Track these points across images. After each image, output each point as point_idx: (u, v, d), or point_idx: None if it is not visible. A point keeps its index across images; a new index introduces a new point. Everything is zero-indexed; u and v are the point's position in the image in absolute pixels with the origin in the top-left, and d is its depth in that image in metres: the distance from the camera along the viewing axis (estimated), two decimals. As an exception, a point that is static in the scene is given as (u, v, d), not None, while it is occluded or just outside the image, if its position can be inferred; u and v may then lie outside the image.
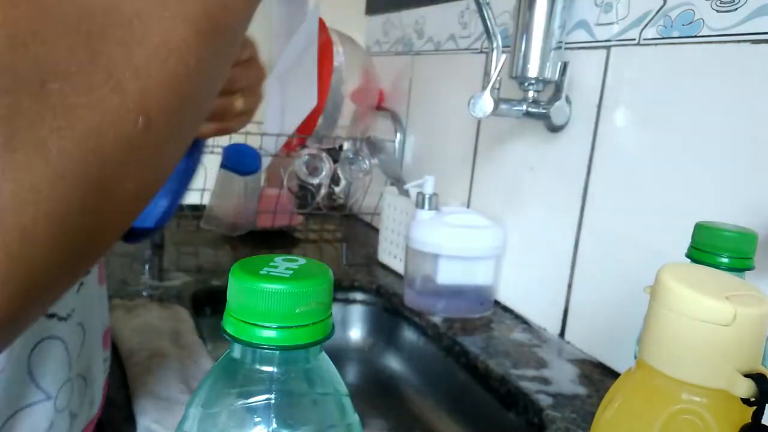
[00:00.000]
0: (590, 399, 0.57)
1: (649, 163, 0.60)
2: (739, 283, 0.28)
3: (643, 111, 0.61)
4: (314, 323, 0.21)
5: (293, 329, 0.21)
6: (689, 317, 0.26)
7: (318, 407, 0.23)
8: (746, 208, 0.51)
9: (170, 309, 0.67)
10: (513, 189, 0.79)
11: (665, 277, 0.27)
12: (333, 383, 0.23)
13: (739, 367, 0.25)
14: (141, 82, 0.20)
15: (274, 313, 0.21)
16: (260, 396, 0.22)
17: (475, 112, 0.66)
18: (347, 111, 1.07)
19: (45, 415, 0.35)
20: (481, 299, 0.77)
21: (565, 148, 0.71)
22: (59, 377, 0.36)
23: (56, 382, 0.35)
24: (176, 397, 0.49)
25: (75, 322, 0.37)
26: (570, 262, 0.70)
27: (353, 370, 0.83)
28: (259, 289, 0.21)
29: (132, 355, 0.56)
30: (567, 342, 0.70)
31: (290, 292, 0.21)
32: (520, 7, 0.68)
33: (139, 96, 0.20)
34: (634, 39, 0.62)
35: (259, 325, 0.21)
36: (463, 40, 0.92)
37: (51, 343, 0.35)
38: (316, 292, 0.21)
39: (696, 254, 0.39)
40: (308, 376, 0.23)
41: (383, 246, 0.93)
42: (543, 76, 0.68)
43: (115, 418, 0.48)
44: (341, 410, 0.23)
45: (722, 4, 0.53)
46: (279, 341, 0.21)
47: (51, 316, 0.35)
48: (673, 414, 0.27)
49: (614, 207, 0.64)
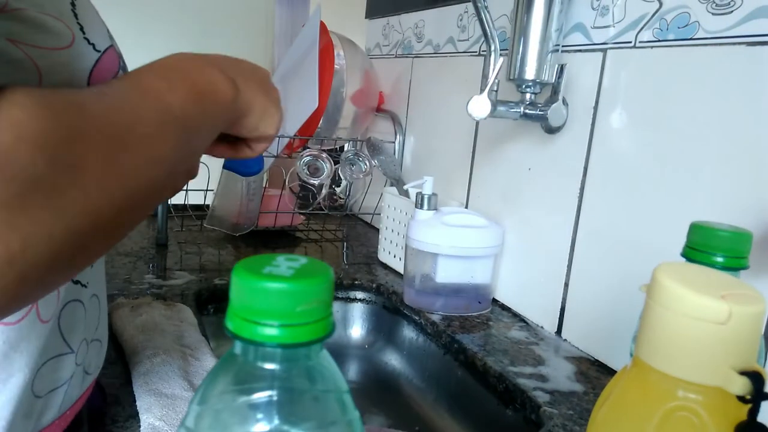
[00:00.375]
0: (587, 396, 0.57)
1: (644, 164, 0.61)
2: (734, 282, 0.28)
3: (639, 113, 0.62)
4: (315, 321, 0.22)
5: (295, 327, 0.21)
6: (685, 315, 0.26)
7: (319, 404, 0.23)
8: (741, 207, 0.52)
9: (174, 307, 0.67)
10: (511, 189, 0.80)
11: (661, 276, 0.27)
12: (334, 380, 0.24)
13: (734, 365, 0.26)
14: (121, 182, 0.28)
15: (276, 311, 0.21)
16: (262, 393, 0.22)
17: (473, 114, 0.67)
18: (348, 113, 1.08)
19: (68, 366, 0.38)
20: (479, 298, 0.77)
21: (562, 150, 0.71)
22: (80, 335, 0.39)
23: (78, 339, 0.39)
24: (179, 394, 0.49)
25: (91, 292, 0.41)
26: (567, 261, 0.70)
27: (354, 368, 0.83)
28: (261, 287, 0.21)
29: (136, 353, 0.56)
30: (564, 340, 0.70)
31: (292, 291, 0.21)
32: (518, 10, 0.68)
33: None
34: (630, 42, 0.62)
35: (261, 323, 0.21)
36: (462, 43, 0.92)
37: (75, 305, 0.38)
38: (317, 291, 0.22)
39: (691, 253, 0.39)
40: (309, 373, 0.23)
41: (383, 245, 0.94)
42: (540, 78, 0.68)
43: (118, 414, 0.48)
44: (342, 407, 0.23)
45: (718, 6, 0.54)
46: (281, 339, 0.21)
47: (76, 282, 0.38)
48: (669, 411, 0.27)
49: (610, 207, 0.65)
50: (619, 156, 0.64)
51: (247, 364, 0.22)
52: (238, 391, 0.22)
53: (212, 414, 0.22)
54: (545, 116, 0.69)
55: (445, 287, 0.76)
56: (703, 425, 0.26)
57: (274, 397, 0.22)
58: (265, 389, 0.22)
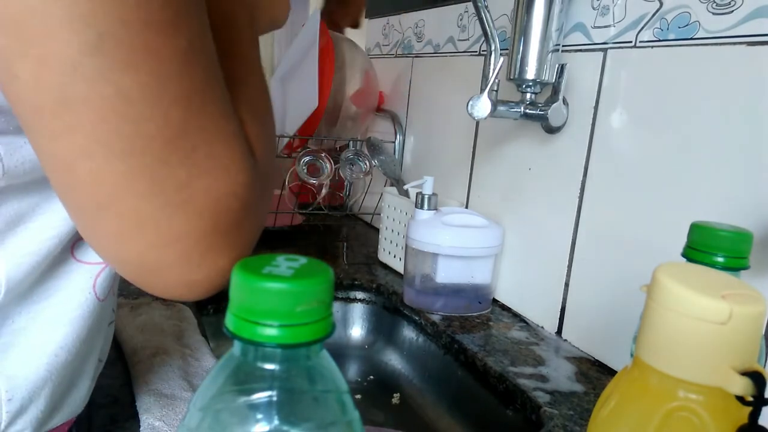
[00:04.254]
0: (587, 396, 0.57)
1: (645, 164, 0.61)
2: (735, 282, 0.28)
3: (640, 113, 0.62)
4: (315, 321, 0.22)
5: (295, 327, 0.21)
6: (685, 316, 0.26)
7: (319, 404, 0.23)
8: (741, 207, 0.52)
9: (173, 307, 0.67)
10: (511, 189, 0.80)
11: (661, 276, 0.27)
12: (334, 380, 0.24)
13: (734, 365, 0.26)
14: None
15: (276, 311, 0.21)
16: (262, 393, 0.22)
17: (473, 114, 0.67)
18: (348, 113, 1.07)
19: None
20: (479, 298, 0.77)
21: (562, 149, 0.71)
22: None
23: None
24: (179, 394, 0.49)
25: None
26: (567, 261, 0.70)
27: (354, 368, 0.83)
28: (261, 287, 0.21)
29: (135, 353, 0.56)
30: (564, 340, 0.70)
31: (292, 291, 0.21)
32: (518, 10, 0.68)
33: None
34: (631, 42, 0.62)
35: (261, 323, 0.21)
36: (462, 42, 0.92)
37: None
38: (317, 291, 0.22)
39: (692, 253, 0.39)
40: (309, 374, 0.23)
41: (383, 245, 0.94)
42: (540, 78, 0.68)
43: (118, 415, 0.48)
44: (342, 407, 0.24)
45: (718, 6, 0.54)
46: (281, 339, 0.21)
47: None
48: (669, 411, 0.27)
49: (611, 207, 0.65)
50: (619, 156, 0.64)
51: (247, 365, 0.22)
52: (237, 391, 0.22)
53: (212, 414, 0.22)
54: (545, 116, 0.69)
55: (445, 287, 0.76)
56: (704, 425, 0.26)
57: (274, 397, 0.22)
58: (264, 389, 0.22)
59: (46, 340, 0.35)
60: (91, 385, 0.41)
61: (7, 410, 0.33)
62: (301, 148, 1.11)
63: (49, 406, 0.36)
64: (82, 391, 0.40)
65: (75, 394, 0.39)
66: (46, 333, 0.35)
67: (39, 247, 0.33)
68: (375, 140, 1.00)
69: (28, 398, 0.34)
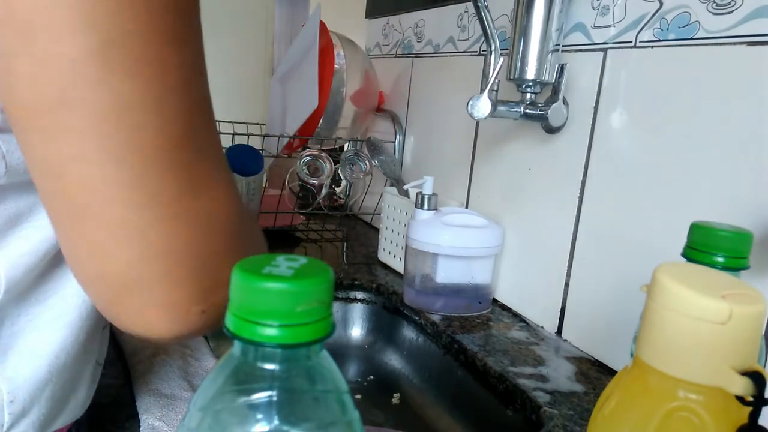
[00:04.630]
0: (587, 396, 0.57)
1: (644, 164, 0.61)
2: (735, 282, 0.28)
3: (640, 113, 0.62)
4: (315, 321, 0.22)
5: (295, 327, 0.21)
6: (685, 316, 0.26)
7: (319, 404, 0.23)
8: (741, 207, 0.52)
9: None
10: (511, 189, 0.80)
11: (661, 276, 0.27)
12: (334, 380, 0.23)
13: (734, 365, 0.26)
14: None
15: (276, 311, 0.21)
16: (262, 393, 0.22)
17: (473, 114, 0.67)
18: (348, 112, 1.07)
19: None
20: (479, 298, 0.77)
21: (562, 149, 0.71)
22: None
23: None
24: (179, 394, 0.49)
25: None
26: (567, 261, 0.70)
27: (354, 368, 0.83)
28: (261, 287, 0.21)
29: (135, 353, 0.56)
30: (564, 340, 0.70)
31: (291, 291, 0.21)
32: (518, 10, 0.68)
33: None
34: (631, 42, 0.62)
35: (261, 323, 0.21)
36: (462, 42, 0.92)
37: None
38: (316, 291, 0.22)
39: (692, 253, 0.39)
40: (309, 374, 0.23)
41: (383, 245, 0.94)
42: (540, 78, 0.68)
43: (118, 415, 0.48)
44: (342, 407, 0.23)
45: (718, 6, 0.54)
46: (280, 339, 0.21)
47: None
48: (669, 411, 0.27)
49: (611, 207, 0.65)
50: (619, 156, 0.64)
51: (247, 365, 0.22)
52: (237, 391, 0.22)
53: (212, 414, 0.22)
54: (545, 116, 0.69)
55: (445, 287, 0.76)
56: (704, 425, 0.26)
57: (274, 397, 0.22)
58: (264, 389, 0.22)
59: (46, 343, 0.35)
60: (91, 387, 0.41)
61: (9, 412, 0.33)
62: (301, 148, 1.11)
63: (50, 408, 0.36)
64: (83, 394, 0.40)
65: (76, 396, 0.39)
66: (46, 335, 0.35)
67: (37, 248, 0.32)
68: (375, 140, 1.00)
69: (29, 400, 0.34)
